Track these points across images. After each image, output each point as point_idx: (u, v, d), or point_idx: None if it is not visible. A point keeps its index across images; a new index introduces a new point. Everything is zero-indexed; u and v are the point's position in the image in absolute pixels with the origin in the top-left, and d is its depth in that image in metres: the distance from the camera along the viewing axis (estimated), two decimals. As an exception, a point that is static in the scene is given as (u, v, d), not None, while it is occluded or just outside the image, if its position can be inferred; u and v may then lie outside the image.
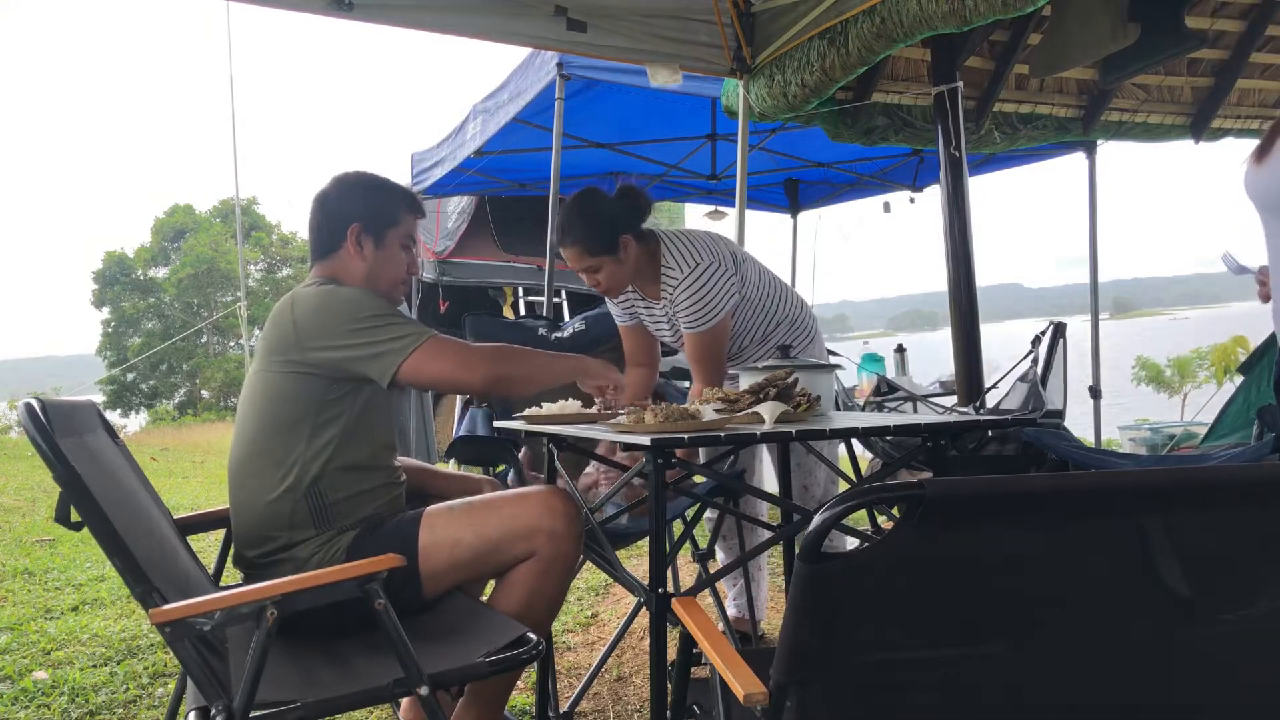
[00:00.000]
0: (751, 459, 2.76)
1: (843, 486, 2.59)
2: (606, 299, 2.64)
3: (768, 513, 2.98)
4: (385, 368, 1.74)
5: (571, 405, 2.02)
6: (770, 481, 3.53)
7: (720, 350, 2.48)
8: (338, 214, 1.90)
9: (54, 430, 1.35)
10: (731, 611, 2.77)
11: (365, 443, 1.80)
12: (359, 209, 1.90)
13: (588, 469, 2.52)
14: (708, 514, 2.73)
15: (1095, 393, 5.69)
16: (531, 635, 1.53)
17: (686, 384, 3.08)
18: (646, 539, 1.92)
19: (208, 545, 3.61)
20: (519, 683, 2.30)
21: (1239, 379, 3.66)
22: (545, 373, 1.94)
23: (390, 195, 1.95)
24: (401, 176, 6.64)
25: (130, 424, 24.11)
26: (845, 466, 3.64)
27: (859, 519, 3.71)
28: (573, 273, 2.47)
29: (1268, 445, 2.12)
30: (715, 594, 2.62)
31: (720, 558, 2.90)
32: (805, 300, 2.74)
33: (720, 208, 6.90)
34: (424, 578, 1.71)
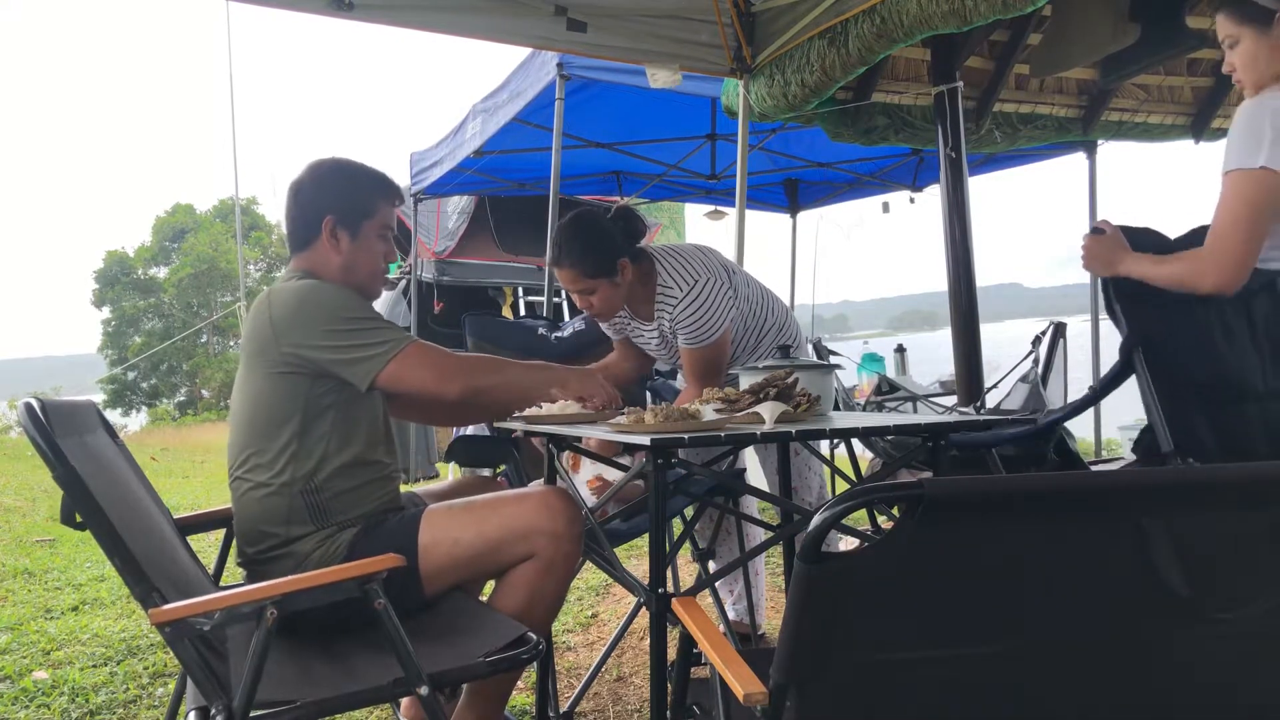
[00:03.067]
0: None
1: (842, 486, 2.58)
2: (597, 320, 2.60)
3: (756, 507, 2.97)
4: (365, 373, 1.73)
5: (572, 405, 2.02)
6: (758, 482, 3.53)
7: (721, 364, 2.47)
8: (312, 205, 1.88)
9: (54, 430, 1.35)
10: (731, 615, 2.76)
11: (357, 438, 1.80)
12: (332, 201, 1.88)
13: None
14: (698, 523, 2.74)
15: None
16: (531, 635, 1.53)
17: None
18: (645, 539, 1.92)
19: (208, 545, 3.61)
20: (519, 682, 2.30)
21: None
22: (521, 384, 1.94)
23: (365, 185, 1.92)
24: (401, 176, 6.64)
25: (130, 424, 24.12)
26: (845, 466, 3.64)
27: (859, 519, 3.70)
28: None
29: None
30: (715, 594, 2.62)
31: (712, 568, 2.89)
32: (788, 306, 2.74)
33: (720, 208, 6.90)
34: (424, 577, 1.71)
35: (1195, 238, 1.94)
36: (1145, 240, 2.10)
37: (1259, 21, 1.86)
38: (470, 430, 2.58)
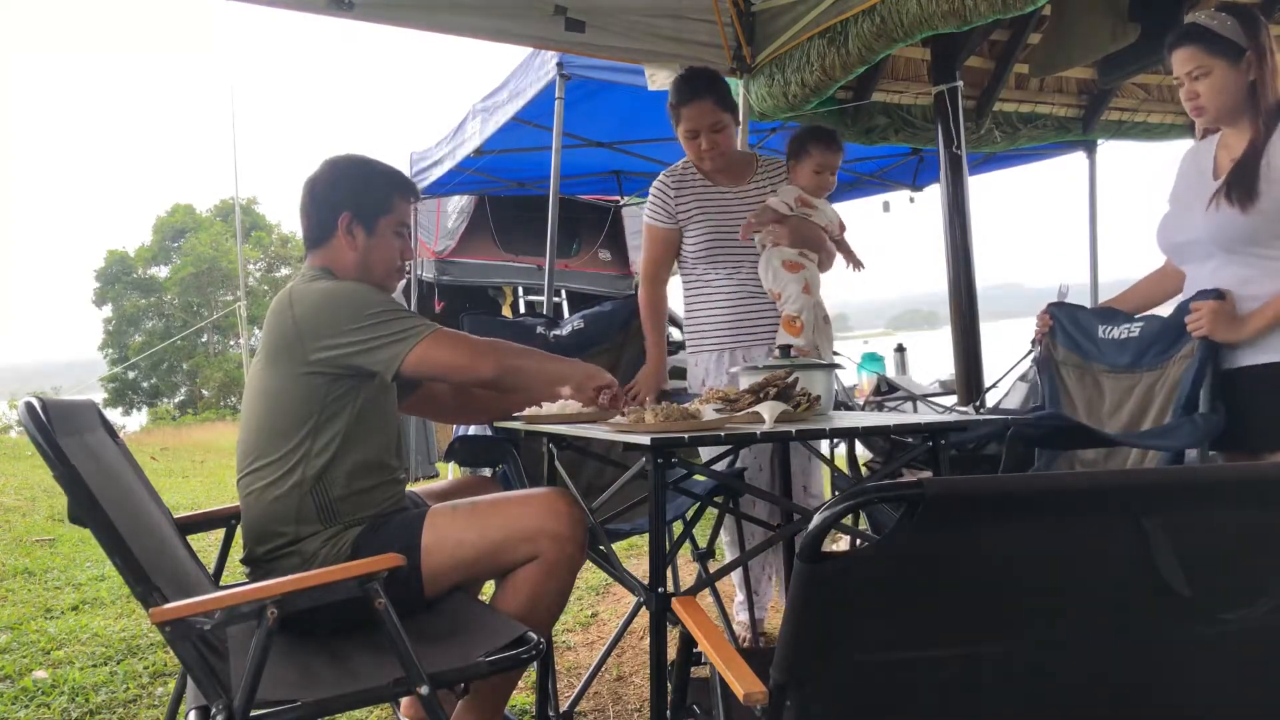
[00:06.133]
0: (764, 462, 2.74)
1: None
2: (657, 201, 2.76)
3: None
4: (391, 358, 1.73)
5: (572, 405, 2.02)
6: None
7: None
8: (327, 201, 1.88)
9: (55, 429, 1.35)
10: (741, 616, 2.76)
11: (368, 439, 1.80)
12: (348, 197, 1.88)
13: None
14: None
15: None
16: (532, 635, 1.53)
17: (686, 383, 3.07)
18: (645, 538, 1.92)
19: (208, 545, 3.61)
20: (519, 682, 2.30)
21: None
22: (546, 370, 1.96)
23: (381, 181, 1.92)
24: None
25: (130, 423, 24.11)
26: (845, 466, 3.64)
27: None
28: (573, 272, 2.50)
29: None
30: (715, 594, 2.62)
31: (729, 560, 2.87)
32: None
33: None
34: (425, 577, 1.71)
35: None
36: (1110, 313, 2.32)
37: (1230, 55, 1.98)
38: (471, 430, 2.58)
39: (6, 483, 6.92)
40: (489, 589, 1.98)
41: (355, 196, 1.88)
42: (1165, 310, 2.22)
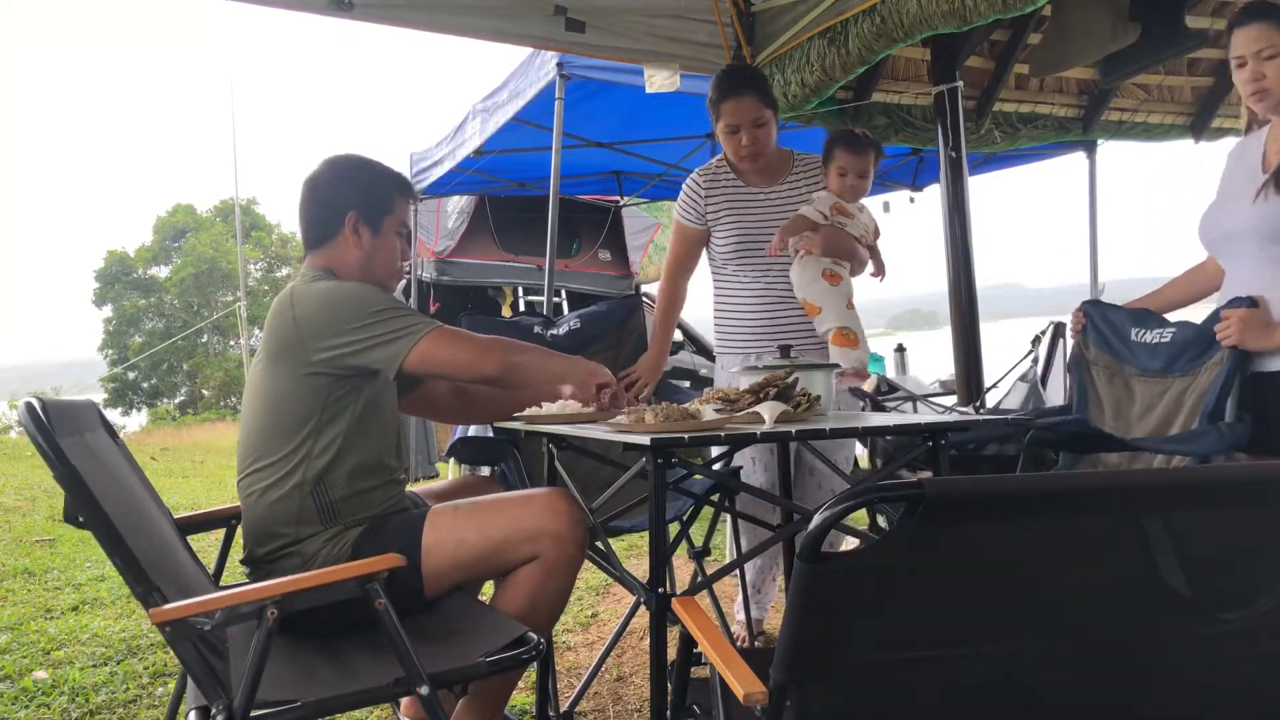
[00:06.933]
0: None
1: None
2: (688, 200, 2.70)
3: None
4: (393, 354, 1.73)
5: (572, 405, 2.02)
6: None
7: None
8: (332, 200, 1.88)
9: (55, 429, 1.35)
10: (740, 616, 2.76)
11: (369, 440, 1.80)
12: (354, 196, 1.88)
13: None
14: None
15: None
16: (532, 635, 1.53)
17: (687, 383, 3.08)
18: (644, 537, 1.92)
19: (208, 545, 3.61)
20: (519, 682, 2.30)
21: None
22: (548, 367, 1.96)
23: (384, 181, 1.93)
24: (401, 176, 6.62)
25: (130, 423, 24.11)
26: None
27: (859, 518, 3.70)
28: (573, 273, 2.49)
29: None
30: (712, 594, 2.62)
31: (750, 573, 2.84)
32: None
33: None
34: (426, 577, 1.71)
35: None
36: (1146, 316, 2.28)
37: None
38: (472, 430, 2.58)
39: (6, 483, 6.91)
40: (489, 589, 1.98)
41: (361, 196, 1.88)
42: (1197, 310, 2.19)
